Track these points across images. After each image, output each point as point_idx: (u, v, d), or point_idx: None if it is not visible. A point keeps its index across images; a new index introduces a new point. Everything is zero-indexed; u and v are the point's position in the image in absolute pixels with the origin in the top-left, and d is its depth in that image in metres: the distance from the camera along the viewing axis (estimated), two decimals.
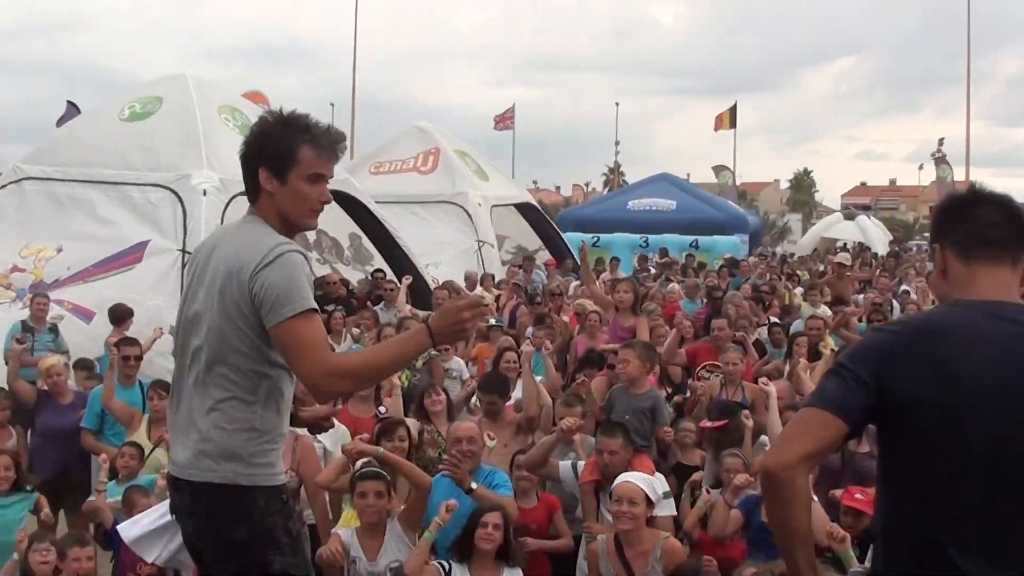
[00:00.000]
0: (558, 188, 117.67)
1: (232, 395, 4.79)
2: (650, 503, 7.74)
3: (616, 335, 12.98)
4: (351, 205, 20.74)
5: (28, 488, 9.30)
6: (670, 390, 12.84)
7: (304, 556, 5.13)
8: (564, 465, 9.06)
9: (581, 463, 9.00)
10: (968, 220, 3.92)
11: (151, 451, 10.22)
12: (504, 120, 68.04)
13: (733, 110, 65.10)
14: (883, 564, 3.84)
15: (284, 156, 4.86)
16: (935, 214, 4.13)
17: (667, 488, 8.67)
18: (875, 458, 4.00)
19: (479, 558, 7.40)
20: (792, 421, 3.93)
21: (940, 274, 3.99)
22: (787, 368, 12.98)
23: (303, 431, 8.42)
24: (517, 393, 11.33)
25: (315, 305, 4.75)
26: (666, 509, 8.69)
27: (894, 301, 20.16)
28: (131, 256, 16.29)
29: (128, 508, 8.28)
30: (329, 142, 5.00)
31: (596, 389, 11.37)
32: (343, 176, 19.96)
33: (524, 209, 31.00)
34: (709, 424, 10.08)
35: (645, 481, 7.85)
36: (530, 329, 15.49)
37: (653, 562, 7.56)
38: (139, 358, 12.08)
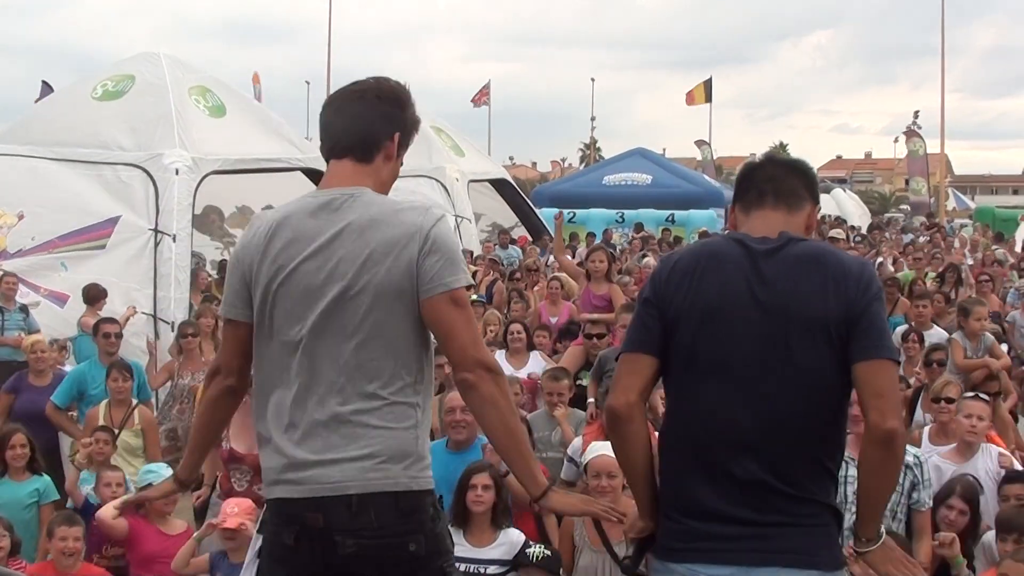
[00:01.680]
0: (534, 164, 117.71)
1: (403, 383, 4.25)
2: None
3: (589, 304, 13.07)
4: None
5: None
6: None
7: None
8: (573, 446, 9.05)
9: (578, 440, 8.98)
10: (749, 179, 4.46)
11: (117, 434, 10.20)
12: (481, 97, 67.98)
13: (708, 84, 65.10)
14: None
15: (407, 137, 4.58)
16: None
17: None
18: None
19: (473, 522, 7.36)
20: (616, 369, 4.37)
21: (732, 229, 4.51)
22: None
23: None
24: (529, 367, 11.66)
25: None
26: None
27: None
28: (100, 231, 16.21)
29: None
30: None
31: (571, 358, 11.41)
32: (316, 154, 19.81)
33: (500, 185, 30.96)
34: None
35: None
36: None
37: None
38: (119, 336, 12.11)
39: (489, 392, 4.22)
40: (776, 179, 4.38)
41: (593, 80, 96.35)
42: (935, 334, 13.19)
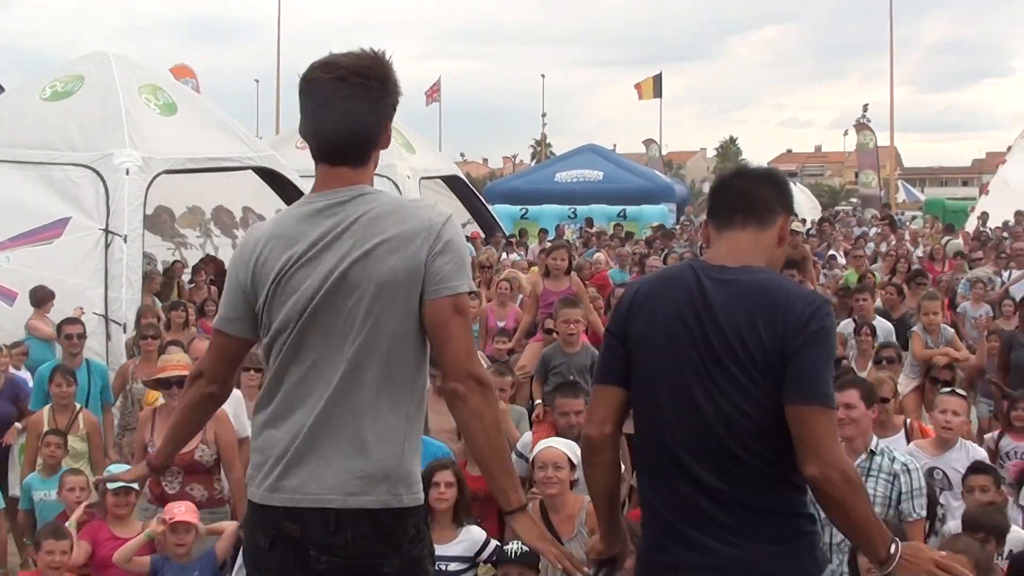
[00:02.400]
0: (486, 160, 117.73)
1: (395, 392, 4.10)
2: (573, 467, 7.76)
3: (549, 300, 12.98)
4: (276, 181, 20.58)
5: None
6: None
7: None
8: (523, 441, 9.06)
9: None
10: (721, 194, 4.43)
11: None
12: (431, 93, 67.97)
13: (658, 79, 65.32)
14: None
15: (395, 109, 4.34)
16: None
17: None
18: None
19: (435, 519, 7.30)
20: (591, 399, 4.55)
21: (706, 245, 4.52)
22: None
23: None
24: None
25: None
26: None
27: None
28: (50, 231, 16.07)
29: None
30: None
31: (531, 354, 11.44)
32: (268, 152, 19.84)
33: (451, 182, 30.97)
34: None
35: (566, 445, 7.86)
36: None
37: (579, 526, 7.53)
38: (82, 336, 12.04)
39: (476, 406, 4.08)
40: (747, 194, 4.34)
41: (544, 77, 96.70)
42: (879, 325, 13.24)
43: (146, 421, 9.11)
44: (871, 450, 7.36)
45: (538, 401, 10.24)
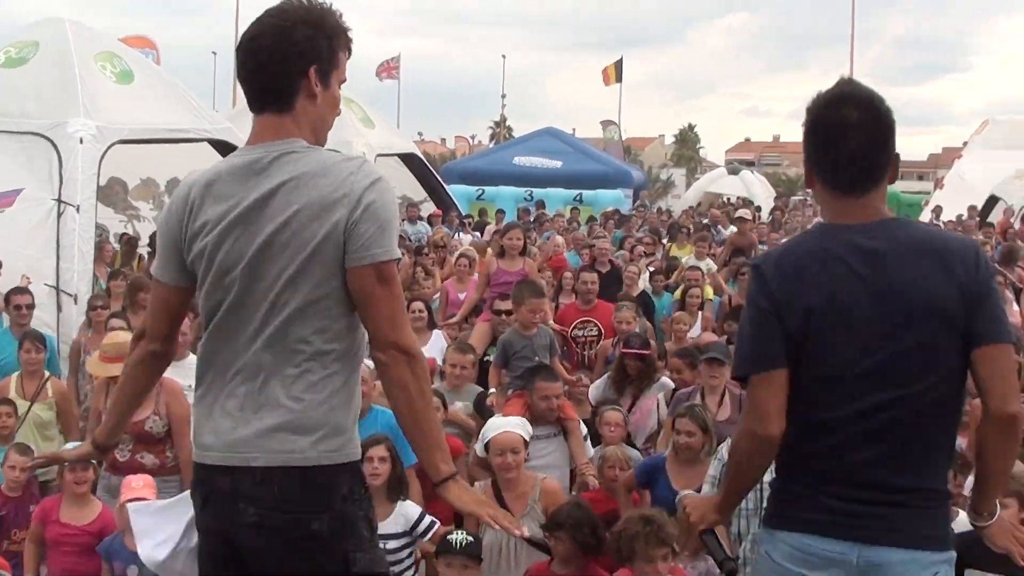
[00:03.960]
0: (443, 140, 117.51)
1: (320, 352, 4.06)
2: (526, 445, 7.79)
3: (502, 280, 12.95)
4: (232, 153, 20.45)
5: None
6: None
7: (383, 552, 4.42)
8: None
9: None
10: (835, 151, 4.11)
11: (29, 408, 10.05)
12: (389, 69, 67.62)
13: (619, 64, 65.31)
14: None
15: (331, 56, 4.21)
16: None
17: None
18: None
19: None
20: (753, 393, 4.14)
21: (809, 190, 4.42)
22: None
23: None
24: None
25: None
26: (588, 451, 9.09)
27: None
28: (2, 201, 15.91)
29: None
30: (352, 44, 4.38)
31: (478, 334, 11.44)
32: (224, 125, 19.69)
33: (408, 160, 30.86)
34: (631, 350, 10.25)
35: (519, 426, 7.89)
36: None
37: (532, 503, 7.63)
38: (31, 307, 11.96)
39: (399, 376, 4.03)
40: (866, 158, 4.08)
41: (505, 58, 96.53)
42: None
43: (100, 389, 9.04)
44: None
45: (492, 390, 10.19)
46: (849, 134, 4.03)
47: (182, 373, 8.98)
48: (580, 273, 13.90)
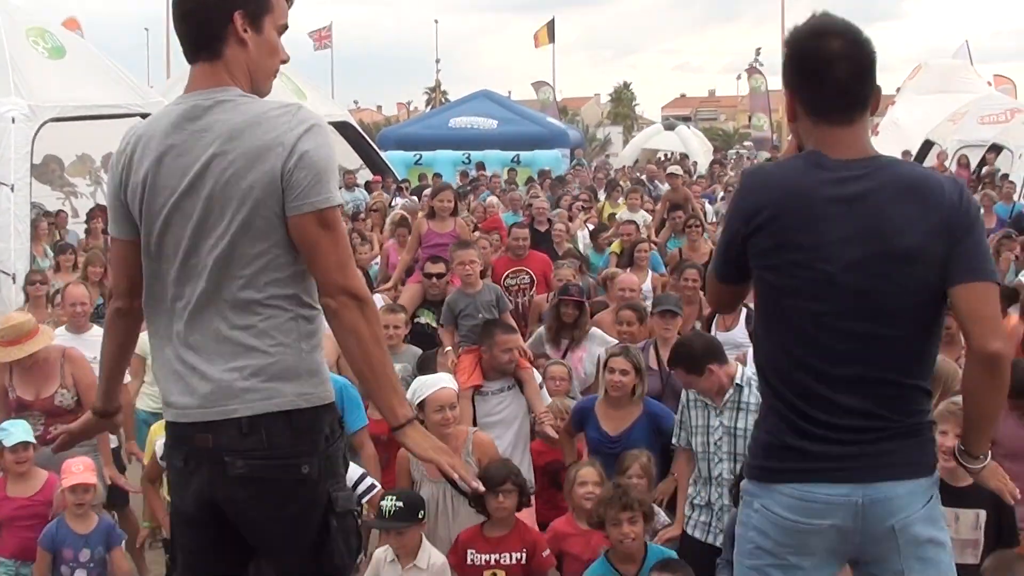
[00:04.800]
0: (380, 108, 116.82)
1: (277, 299, 3.99)
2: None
3: (433, 242, 13.05)
4: None
5: None
6: None
7: (351, 489, 4.39)
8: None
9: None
10: (821, 81, 4.04)
11: None
12: (321, 39, 67.26)
13: (551, 25, 65.24)
14: None
15: (261, 0, 4.08)
16: None
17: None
18: None
19: None
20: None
21: (790, 122, 4.25)
22: None
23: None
24: None
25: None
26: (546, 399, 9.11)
27: (708, 205, 20.64)
28: None
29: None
30: None
31: (409, 295, 11.51)
32: (157, 99, 19.61)
33: (343, 128, 30.81)
34: (568, 297, 10.37)
35: (451, 381, 7.98)
36: None
37: (466, 456, 7.66)
38: None
39: (350, 320, 3.96)
40: (852, 87, 4.02)
41: (437, 23, 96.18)
42: None
43: (3, 368, 8.88)
44: (737, 384, 7.58)
45: (447, 348, 10.17)
46: (835, 64, 3.98)
47: (87, 345, 9.09)
48: (512, 228, 14.00)
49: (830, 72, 4.00)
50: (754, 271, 4.09)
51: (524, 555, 7.18)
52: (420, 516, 7.13)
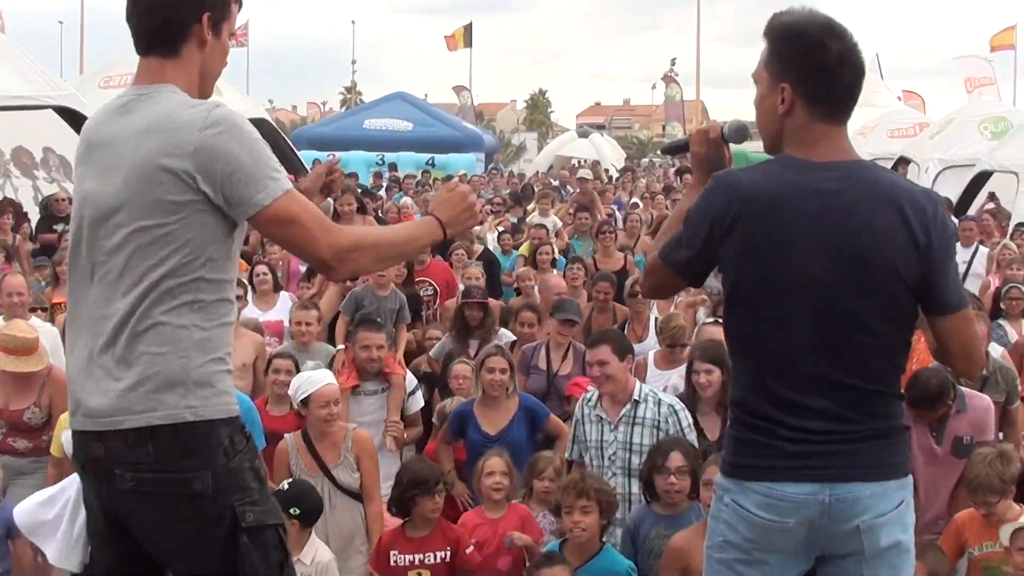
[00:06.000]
0: (295, 107, 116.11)
1: (174, 304, 3.84)
2: None
3: None
4: (78, 122, 20.17)
5: None
6: None
7: (274, 502, 4.17)
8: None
9: None
10: (832, 76, 4.06)
11: None
12: (237, 37, 66.71)
13: (468, 29, 65.33)
14: None
15: (225, 5, 4.07)
16: None
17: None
18: None
19: None
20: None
21: (785, 114, 4.15)
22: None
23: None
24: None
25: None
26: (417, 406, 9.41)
27: (617, 212, 20.79)
28: None
29: None
30: None
31: (327, 298, 11.52)
32: (70, 92, 19.43)
33: (260, 126, 30.47)
34: (472, 299, 10.46)
35: (333, 377, 8.04)
36: None
37: (345, 452, 7.75)
38: None
39: (363, 262, 4.17)
40: (853, 94, 4.09)
41: (354, 23, 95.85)
42: None
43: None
44: (635, 399, 7.64)
45: (341, 347, 10.10)
46: (844, 64, 4.01)
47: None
48: None
49: (841, 71, 4.03)
50: (725, 270, 4.10)
51: (448, 553, 7.20)
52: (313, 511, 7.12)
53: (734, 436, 4.18)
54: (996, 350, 9.70)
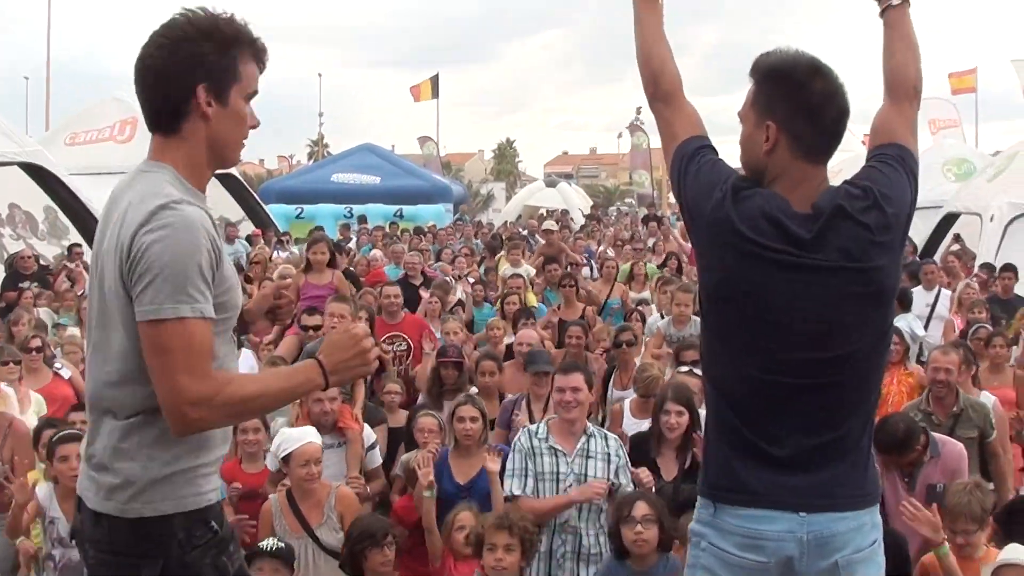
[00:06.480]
0: (262, 161, 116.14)
1: (125, 403, 3.77)
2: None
3: (310, 295, 12.94)
4: (44, 178, 20.15)
5: None
6: None
7: None
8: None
9: None
10: (818, 116, 4.09)
11: None
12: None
13: (435, 80, 65.46)
14: None
15: (227, 70, 3.86)
16: None
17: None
18: None
19: None
20: None
21: (769, 150, 4.15)
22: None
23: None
24: None
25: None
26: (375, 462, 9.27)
27: (592, 262, 20.82)
28: None
29: None
30: (265, 53, 4.04)
31: (286, 348, 11.44)
32: (35, 148, 19.41)
33: (225, 180, 30.64)
34: (447, 358, 10.53)
35: (315, 435, 7.97)
36: None
37: (328, 511, 7.69)
38: None
39: (206, 424, 3.73)
40: (836, 134, 4.12)
41: (321, 76, 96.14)
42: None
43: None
44: (587, 433, 7.74)
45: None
46: (827, 104, 4.05)
47: None
48: (383, 288, 13.70)
49: (823, 112, 4.06)
50: (708, 303, 4.14)
51: None
52: (292, 565, 7.10)
53: (711, 461, 4.18)
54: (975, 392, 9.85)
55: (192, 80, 3.81)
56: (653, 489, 7.73)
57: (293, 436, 7.81)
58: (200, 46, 3.81)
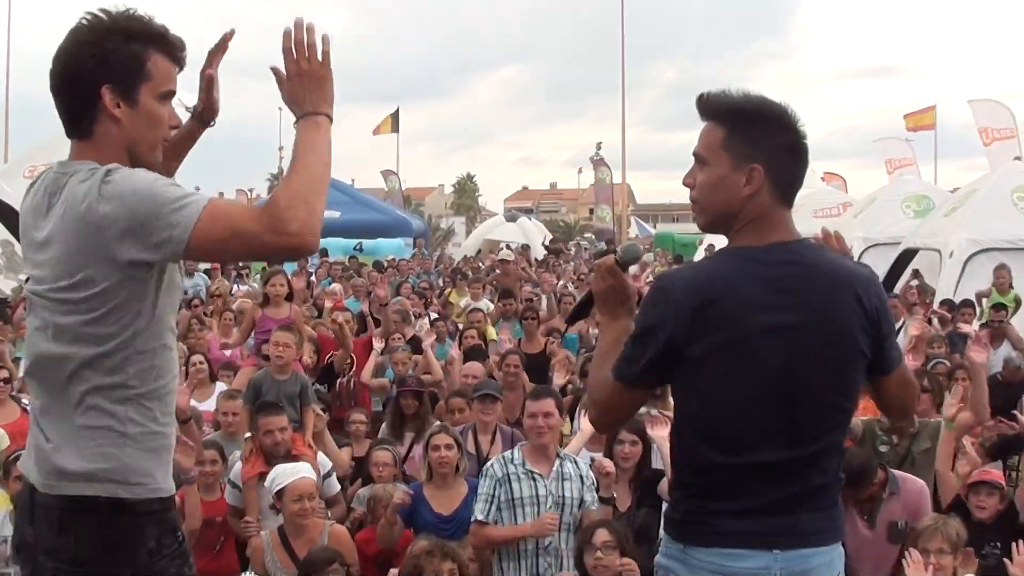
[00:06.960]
0: (221, 194, 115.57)
1: (92, 388, 3.68)
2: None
3: (268, 327, 12.81)
4: (2, 211, 20.07)
5: None
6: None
7: None
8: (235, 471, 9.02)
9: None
10: (798, 165, 4.09)
11: None
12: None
13: (395, 115, 65.59)
14: None
15: (133, 70, 3.73)
16: None
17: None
18: None
19: None
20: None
21: (751, 195, 4.06)
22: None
23: None
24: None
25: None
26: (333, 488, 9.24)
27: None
28: None
29: None
30: (182, 49, 3.92)
31: (241, 380, 11.39)
32: None
33: None
34: (407, 388, 10.60)
35: (310, 471, 7.93)
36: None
37: None
38: None
39: (302, 227, 3.57)
40: (804, 180, 4.17)
41: (281, 110, 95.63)
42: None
43: None
44: (560, 456, 7.79)
45: (247, 435, 9.72)
46: (805, 141, 4.05)
47: None
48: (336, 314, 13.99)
49: (803, 151, 4.04)
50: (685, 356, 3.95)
51: None
52: None
53: (680, 498, 4.11)
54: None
55: (94, 83, 3.71)
56: (613, 473, 8.01)
57: (286, 471, 7.80)
58: (101, 47, 3.70)
